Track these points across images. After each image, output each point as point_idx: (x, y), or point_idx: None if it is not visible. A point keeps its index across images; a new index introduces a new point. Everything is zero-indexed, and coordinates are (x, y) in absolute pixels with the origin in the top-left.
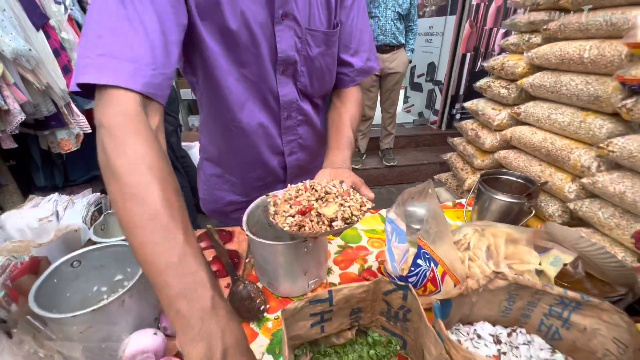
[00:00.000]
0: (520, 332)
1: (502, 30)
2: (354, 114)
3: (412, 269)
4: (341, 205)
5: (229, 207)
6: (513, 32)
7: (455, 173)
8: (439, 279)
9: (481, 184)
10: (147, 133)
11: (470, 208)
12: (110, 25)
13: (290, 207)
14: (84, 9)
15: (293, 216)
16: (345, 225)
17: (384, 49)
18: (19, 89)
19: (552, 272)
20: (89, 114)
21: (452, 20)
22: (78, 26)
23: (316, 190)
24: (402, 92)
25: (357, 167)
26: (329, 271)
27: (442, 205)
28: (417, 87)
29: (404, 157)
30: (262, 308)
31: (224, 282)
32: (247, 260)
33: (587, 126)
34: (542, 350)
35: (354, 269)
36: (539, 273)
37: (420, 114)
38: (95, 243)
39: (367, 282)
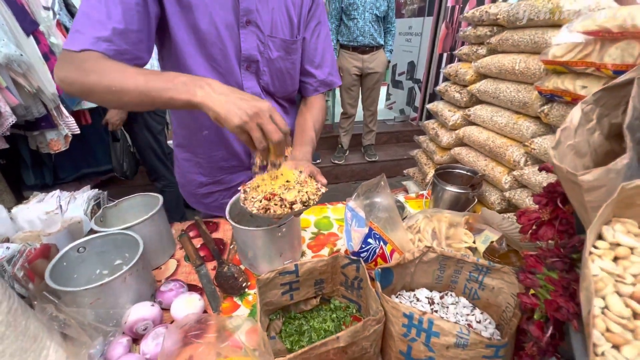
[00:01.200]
0: (450, 294)
1: None
2: (318, 118)
3: (363, 246)
4: (299, 191)
5: (201, 190)
6: (466, 43)
7: (420, 167)
8: (387, 255)
9: (435, 177)
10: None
11: (430, 198)
12: (87, 11)
13: (258, 193)
14: (71, 14)
15: (260, 201)
16: (303, 207)
17: (363, 49)
18: (11, 93)
19: (482, 248)
20: (76, 115)
21: (429, 21)
22: (66, 30)
23: (277, 179)
24: (384, 89)
25: (340, 162)
26: (303, 254)
27: (407, 197)
28: (398, 84)
29: (385, 153)
30: (244, 285)
31: (211, 265)
32: (231, 247)
33: (518, 127)
34: (465, 308)
35: (325, 252)
36: (474, 250)
37: (402, 111)
38: (96, 232)
39: (326, 257)
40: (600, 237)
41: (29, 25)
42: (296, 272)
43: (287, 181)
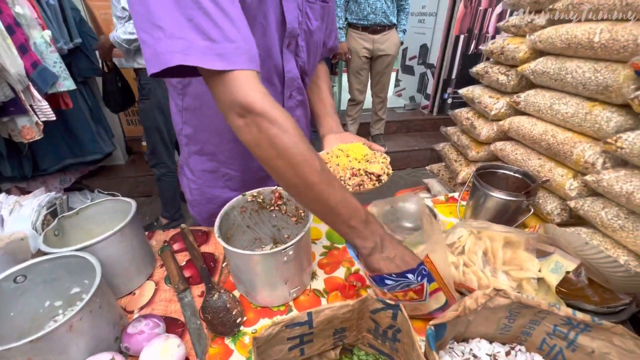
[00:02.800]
0: (520, 350)
1: (497, 11)
2: (329, 85)
3: (395, 276)
4: (378, 162)
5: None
6: (514, 12)
7: (448, 164)
8: (426, 293)
9: (476, 178)
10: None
11: (463, 203)
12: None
13: (344, 172)
14: None
15: (349, 178)
16: (387, 178)
17: (375, 29)
18: None
19: (554, 280)
20: (54, 99)
21: None
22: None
23: (348, 155)
24: (393, 75)
25: None
26: (313, 275)
27: (434, 200)
28: (408, 70)
29: (394, 143)
30: (238, 321)
31: (198, 290)
32: (224, 265)
33: (593, 118)
34: None
35: (340, 272)
36: (538, 280)
37: (412, 98)
38: (46, 253)
39: (351, 302)
40: None
41: None
42: (309, 323)
43: (355, 158)
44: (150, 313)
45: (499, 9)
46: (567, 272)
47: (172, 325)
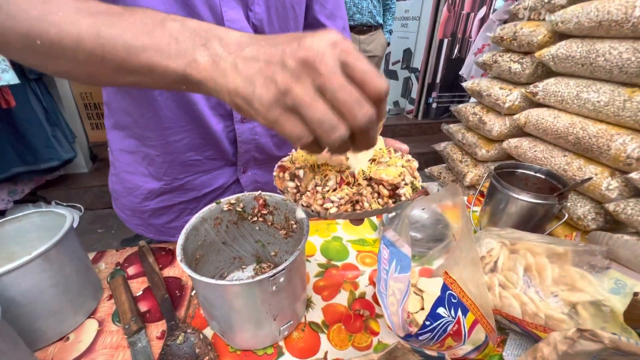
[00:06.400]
0: None
1: (479, 15)
2: None
3: (428, 322)
4: (391, 166)
5: (149, 204)
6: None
7: (451, 166)
8: (464, 331)
9: (496, 179)
10: None
11: (476, 209)
12: None
13: (317, 176)
14: None
15: (334, 190)
16: (412, 194)
17: (361, 29)
18: None
19: (619, 304)
20: None
21: (429, 3)
22: None
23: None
24: None
25: None
26: (309, 304)
27: (442, 206)
28: (392, 74)
29: None
30: None
31: (158, 328)
32: (192, 294)
33: (634, 106)
34: None
35: (342, 298)
36: (596, 306)
37: (396, 103)
38: None
39: (375, 355)
40: None
41: None
42: None
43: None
44: None
45: (481, 13)
46: (636, 294)
47: None
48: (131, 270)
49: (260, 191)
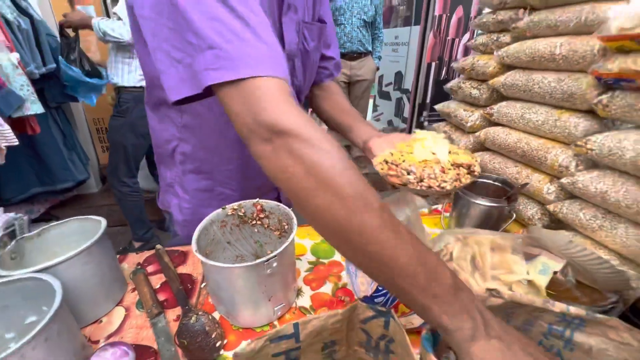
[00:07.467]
0: None
1: (463, 41)
2: (346, 98)
3: (381, 287)
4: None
5: None
6: (480, 32)
7: None
8: None
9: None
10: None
11: (447, 214)
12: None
13: (430, 167)
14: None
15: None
16: (480, 170)
17: (351, 56)
18: None
19: (543, 281)
20: (19, 123)
21: (416, 30)
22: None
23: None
24: (371, 101)
25: None
26: (299, 292)
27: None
28: (385, 95)
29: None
30: (217, 344)
31: (174, 313)
32: (202, 286)
33: (562, 124)
34: None
35: (327, 288)
36: (528, 283)
37: (390, 122)
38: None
39: (340, 310)
40: None
41: None
42: (296, 336)
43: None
44: (118, 341)
45: (465, 38)
46: (555, 273)
47: (143, 354)
48: (150, 269)
49: (258, 199)
